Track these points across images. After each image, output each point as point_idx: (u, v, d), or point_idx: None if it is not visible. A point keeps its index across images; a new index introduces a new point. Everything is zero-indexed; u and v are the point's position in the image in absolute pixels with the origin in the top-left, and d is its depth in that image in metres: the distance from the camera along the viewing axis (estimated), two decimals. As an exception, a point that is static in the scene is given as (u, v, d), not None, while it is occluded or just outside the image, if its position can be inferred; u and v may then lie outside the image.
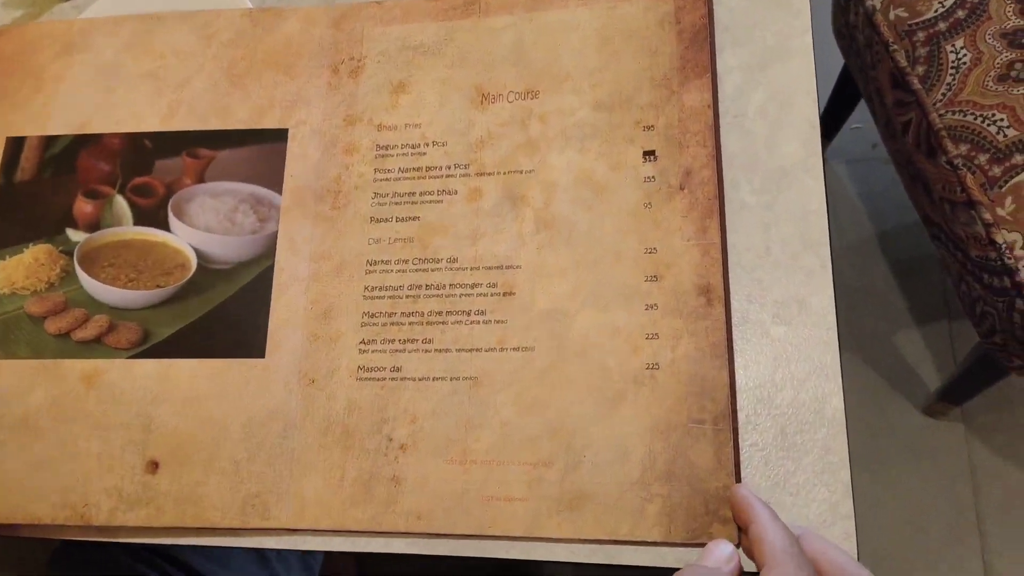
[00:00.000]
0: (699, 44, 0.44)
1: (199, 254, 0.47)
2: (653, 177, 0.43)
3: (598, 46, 0.46)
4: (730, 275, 0.41)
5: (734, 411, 0.39)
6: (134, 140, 0.50)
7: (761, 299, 0.41)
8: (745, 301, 0.41)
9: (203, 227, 0.48)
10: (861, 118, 1.08)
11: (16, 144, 0.51)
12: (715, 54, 0.44)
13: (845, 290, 1.12)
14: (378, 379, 0.43)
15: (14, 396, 0.46)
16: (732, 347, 0.40)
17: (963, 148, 0.67)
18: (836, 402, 0.39)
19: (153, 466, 0.44)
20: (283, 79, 0.49)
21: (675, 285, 0.41)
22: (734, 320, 0.41)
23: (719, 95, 0.44)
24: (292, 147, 0.48)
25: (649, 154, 0.43)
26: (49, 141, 0.50)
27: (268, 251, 0.46)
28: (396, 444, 0.42)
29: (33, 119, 0.51)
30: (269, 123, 0.49)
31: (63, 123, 0.51)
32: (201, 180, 0.48)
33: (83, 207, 0.49)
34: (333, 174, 0.47)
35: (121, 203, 0.49)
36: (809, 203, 0.42)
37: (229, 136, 0.49)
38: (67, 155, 0.50)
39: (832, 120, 1.07)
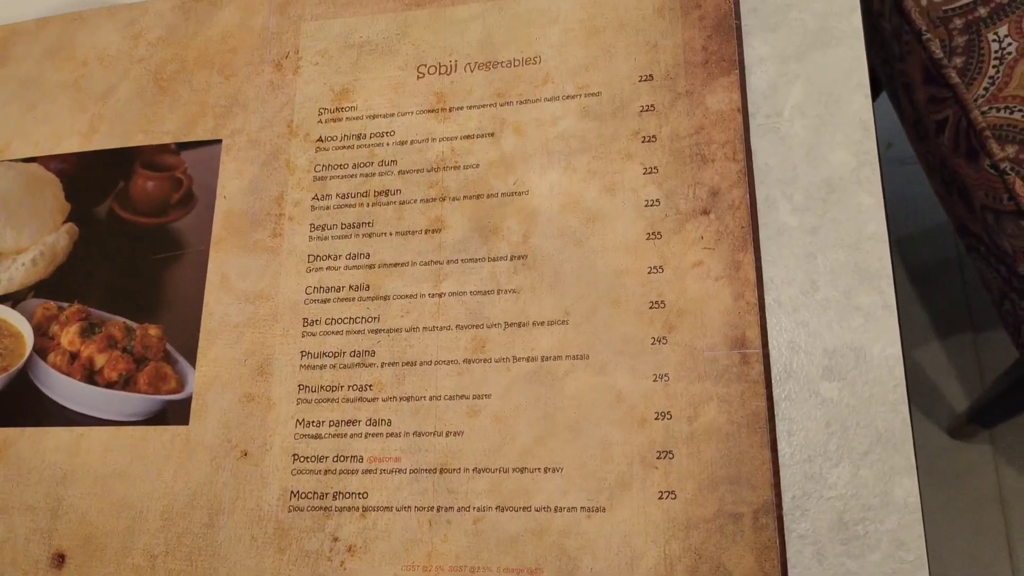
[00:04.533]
0: (724, 32, 0.36)
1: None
2: (657, 201, 0.34)
3: (584, 39, 0.37)
4: (768, 318, 0.33)
5: (778, 499, 0.30)
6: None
7: (808, 348, 0.33)
8: (787, 351, 0.33)
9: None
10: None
11: None
12: (742, 43, 0.36)
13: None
14: (318, 470, 0.35)
15: None
16: (773, 412, 0.32)
17: (1010, 150, 0.59)
18: (908, 482, 0.31)
19: (59, 560, 0.36)
20: (217, 80, 0.41)
21: (693, 339, 0.33)
22: (774, 375, 0.32)
23: (747, 91, 0.36)
24: (226, 162, 0.39)
25: (651, 170, 0.35)
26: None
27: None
28: (343, 546, 0.34)
29: None
30: (201, 133, 0.40)
31: None
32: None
33: None
34: (274, 193, 0.38)
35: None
36: (865, 225, 0.33)
37: (154, 153, 0.40)
38: None
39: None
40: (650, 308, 0.33)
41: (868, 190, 0.34)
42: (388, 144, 0.38)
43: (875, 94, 0.91)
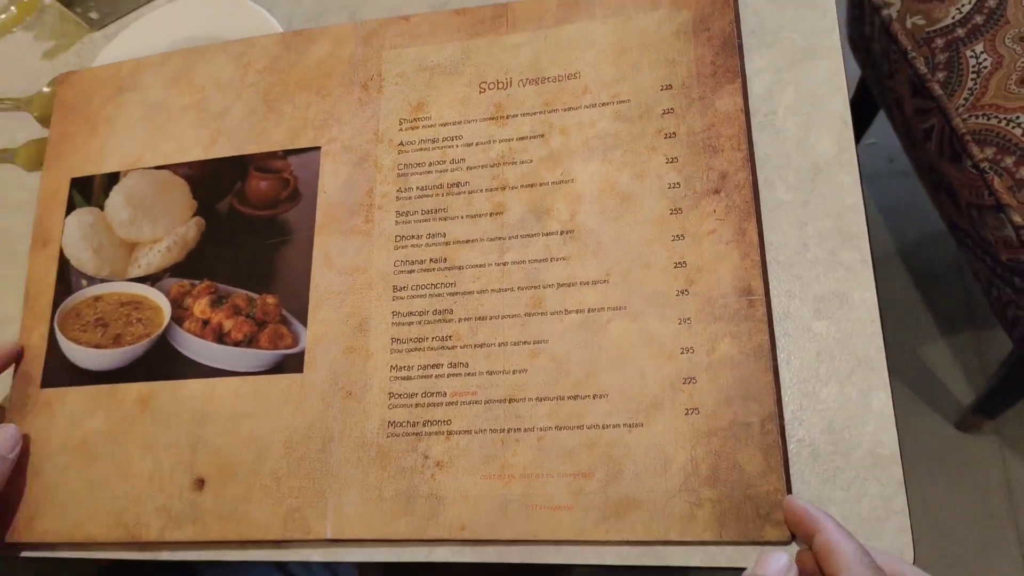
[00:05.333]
0: (728, 50, 0.45)
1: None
2: (678, 184, 0.43)
3: (615, 58, 0.46)
4: (769, 273, 0.41)
5: (780, 411, 0.39)
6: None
7: (801, 295, 0.41)
8: (785, 297, 0.41)
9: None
10: (875, 133, 1.08)
11: (107, 181, 0.52)
12: (744, 58, 0.45)
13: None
14: (410, 404, 0.43)
15: (77, 421, 0.47)
16: (775, 344, 0.40)
17: (989, 151, 0.67)
18: (883, 395, 0.38)
19: (199, 484, 0.44)
20: (315, 99, 0.50)
21: (709, 289, 0.41)
22: (775, 316, 0.41)
23: (749, 96, 0.45)
24: (324, 164, 0.48)
25: (672, 160, 0.44)
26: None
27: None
28: (432, 462, 0.42)
29: (92, 159, 0.53)
30: (303, 142, 0.49)
31: (117, 160, 0.52)
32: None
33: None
34: (364, 188, 0.47)
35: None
36: (845, 198, 0.42)
37: (266, 159, 0.50)
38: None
39: (849, 135, 1.07)
40: (674, 268, 0.42)
41: (847, 171, 0.42)
42: (457, 146, 0.47)
43: (874, 111, 0.99)
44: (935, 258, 1.15)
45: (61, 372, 0.48)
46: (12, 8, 0.63)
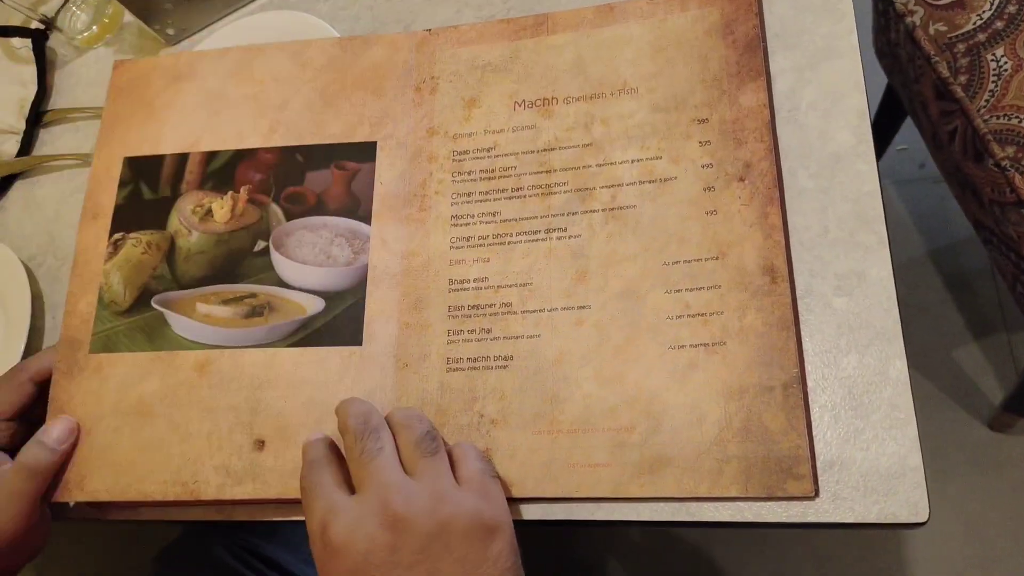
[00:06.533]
0: (752, 51, 0.48)
1: (296, 283, 0.51)
2: (711, 164, 0.47)
3: (652, 55, 0.50)
4: (792, 254, 0.44)
5: (803, 376, 0.42)
6: (286, 154, 0.54)
7: (823, 273, 0.44)
8: (808, 276, 0.44)
9: (300, 260, 0.52)
10: (907, 139, 1.10)
11: (178, 160, 0.55)
12: (768, 58, 0.48)
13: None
14: (466, 368, 0.47)
15: (130, 384, 0.50)
16: (798, 318, 0.43)
17: (1010, 150, 0.69)
18: (899, 364, 0.42)
19: (260, 444, 0.47)
20: (371, 99, 0.54)
21: (738, 263, 0.44)
22: (798, 293, 0.44)
23: (773, 93, 0.48)
24: (381, 158, 0.53)
25: (705, 143, 0.47)
26: (210, 157, 0.56)
27: (360, 282, 0.50)
28: (488, 420, 0.45)
29: (147, 140, 0.56)
30: (360, 137, 0.54)
31: (173, 143, 0.56)
32: (348, 190, 0.53)
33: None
34: (419, 180, 0.52)
35: (276, 211, 0.54)
36: (862, 185, 0.45)
37: (332, 150, 0.54)
38: (226, 169, 0.55)
39: (878, 142, 1.10)
40: (708, 240, 0.45)
41: (864, 160, 0.46)
42: (507, 134, 0.51)
43: (902, 118, 1.01)
44: (967, 262, 1.16)
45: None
46: (94, 27, 0.69)
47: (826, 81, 0.48)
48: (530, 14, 0.53)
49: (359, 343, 0.49)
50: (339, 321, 0.50)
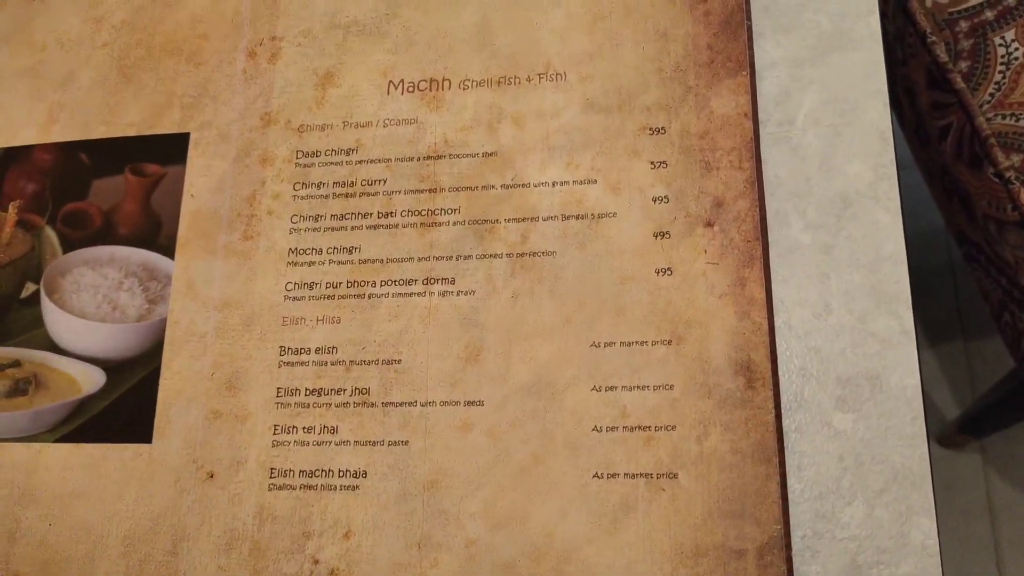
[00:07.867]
0: (732, 31, 0.34)
1: (70, 346, 0.36)
2: (666, 198, 0.32)
3: (588, 25, 0.35)
4: (778, 343, 0.30)
5: (787, 535, 0.28)
6: (67, 154, 0.39)
7: (820, 376, 0.31)
8: (799, 378, 0.31)
9: (77, 311, 0.36)
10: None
11: None
12: (753, 43, 0.34)
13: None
14: (298, 487, 0.32)
15: None
16: (783, 444, 0.29)
17: (1016, 159, 0.58)
18: (927, 523, 0.29)
19: None
20: (185, 68, 0.38)
21: (700, 353, 0.30)
22: (785, 405, 0.30)
23: (758, 96, 0.34)
24: (194, 157, 0.37)
25: (659, 164, 0.33)
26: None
27: (155, 346, 0.35)
28: (324, 568, 0.31)
29: None
30: (166, 127, 0.37)
31: None
32: (146, 205, 0.37)
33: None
34: (245, 192, 0.36)
35: (51, 237, 0.37)
36: (882, 244, 0.31)
37: (118, 146, 0.37)
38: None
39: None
40: (656, 315, 0.31)
41: (886, 206, 0.32)
42: (375, 131, 0.36)
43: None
44: (927, 259, 1.07)
45: None
46: None
47: (834, 83, 0.34)
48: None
49: (148, 439, 0.33)
50: (124, 404, 0.36)
